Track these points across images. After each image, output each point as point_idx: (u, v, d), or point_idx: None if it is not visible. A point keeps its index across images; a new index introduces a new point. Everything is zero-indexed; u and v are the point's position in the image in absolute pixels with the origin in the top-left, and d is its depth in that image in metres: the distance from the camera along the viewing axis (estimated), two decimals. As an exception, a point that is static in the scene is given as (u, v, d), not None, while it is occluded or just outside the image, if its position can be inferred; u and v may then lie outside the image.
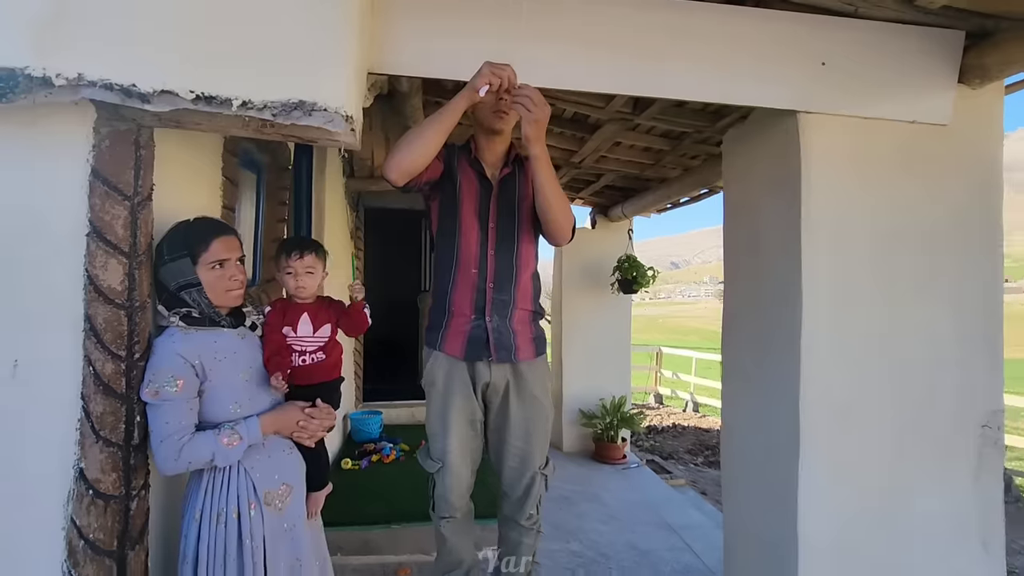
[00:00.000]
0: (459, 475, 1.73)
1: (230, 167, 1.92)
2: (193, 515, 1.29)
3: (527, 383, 1.75)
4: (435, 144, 1.53)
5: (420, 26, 1.58)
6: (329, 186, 3.68)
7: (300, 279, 1.52)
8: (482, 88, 1.45)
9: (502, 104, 1.59)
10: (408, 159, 1.52)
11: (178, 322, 1.30)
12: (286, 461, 1.40)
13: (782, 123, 1.76)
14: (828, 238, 1.71)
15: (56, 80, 1.17)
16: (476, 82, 1.45)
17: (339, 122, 1.28)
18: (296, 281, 1.52)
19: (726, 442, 2.15)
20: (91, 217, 1.28)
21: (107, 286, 1.28)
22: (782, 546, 1.73)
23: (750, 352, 1.97)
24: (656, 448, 7.16)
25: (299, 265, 1.51)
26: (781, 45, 1.67)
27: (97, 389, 1.27)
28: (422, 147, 1.52)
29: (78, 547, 1.26)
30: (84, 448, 1.27)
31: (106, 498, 1.27)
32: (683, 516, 3.62)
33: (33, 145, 1.26)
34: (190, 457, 1.23)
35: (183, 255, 1.30)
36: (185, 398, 1.25)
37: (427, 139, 1.51)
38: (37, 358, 1.27)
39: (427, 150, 1.52)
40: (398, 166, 1.52)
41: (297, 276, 1.51)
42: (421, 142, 1.51)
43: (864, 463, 1.72)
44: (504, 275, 1.72)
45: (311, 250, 1.53)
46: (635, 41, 1.65)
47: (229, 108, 1.23)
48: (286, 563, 1.36)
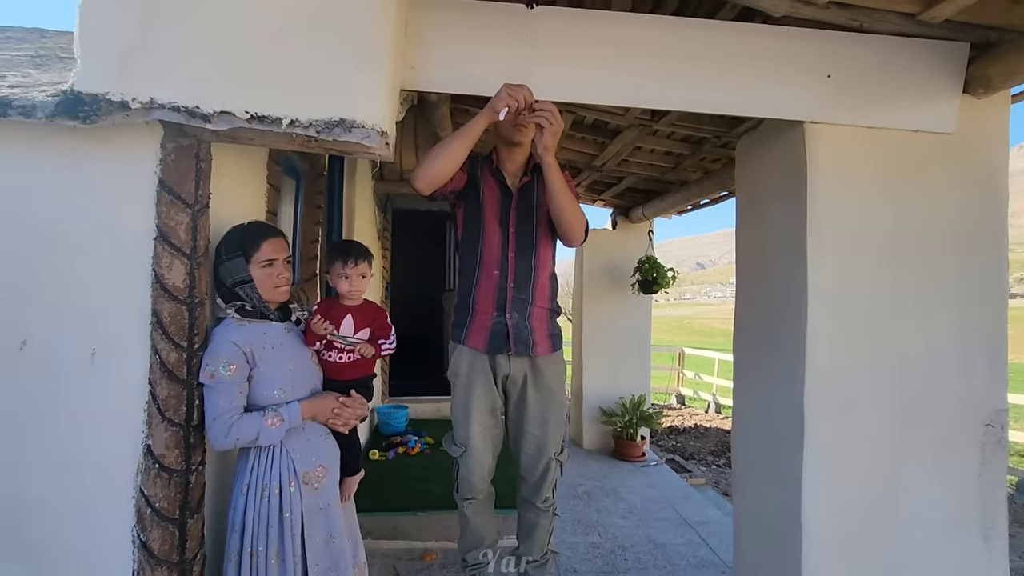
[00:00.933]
0: (481, 459, 1.87)
1: (274, 175, 2.09)
2: (241, 489, 1.45)
3: (544, 376, 1.88)
4: (458, 158, 1.68)
5: (447, 47, 1.71)
6: (359, 189, 3.85)
7: (353, 283, 1.65)
8: (502, 111, 1.58)
9: (521, 118, 1.72)
10: (434, 171, 1.67)
11: (233, 314, 1.47)
12: (323, 445, 1.55)
13: (789, 132, 1.84)
14: (833, 242, 1.78)
15: (132, 104, 1.34)
16: (496, 104, 1.59)
17: (375, 138, 1.43)
18: (350, 286, 1.65)
19: (737, 436, 2.23)
20: (158, 223, 1.45)
21: (171, 284, 1.45)
22: (787, 536, 1.81)
23: (759, 349, 2.05)
24: (678, 448, 7.17)
25: (354, 272, 1.65)
26: (788, 59, 1.75)
27: (162, 375, 1.44)
28: (446, 160, 1.67)
29: (146, 514, 1.43)
30: (151, 427, 1.44)
31: (170, 471, 1.44)
32: (701, 513, 3.68)
33: (110, 160, 1.44)
34: (238, 434, 1.39)
35: (238, 255, 1.46)
36: (237, 381, 1.41)
37: (451, 153, 1.67)
38: (111, 347, 1.44)
39: (451, 163, 1.67)
40: (424, 177, 1.68)
41: (351, 281, 1.65)
42: (445, 156, 1.67)
43: (867, 457, 1.79)
44: (523, 275, 1.85)
45: (364, 257, 1.67)
46: (646, 57, 1.75)
47: (279, 126, 1.39)
48: (320, 537, 1.51)
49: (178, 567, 1.45)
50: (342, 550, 1.51)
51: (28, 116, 1.33)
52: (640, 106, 1.95)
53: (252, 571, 1.38)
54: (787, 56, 1.75)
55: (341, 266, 1.64)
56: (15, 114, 1.33)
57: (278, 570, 1.39)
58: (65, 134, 1.39)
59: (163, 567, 1.43)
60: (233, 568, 1.40)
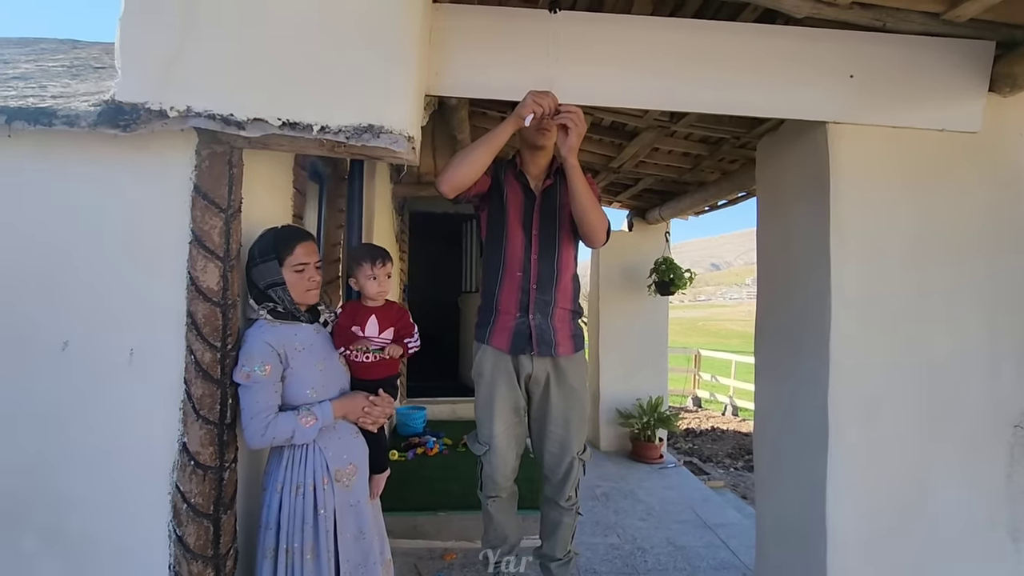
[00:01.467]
0: (504, 457, 1.89)
1: (300, 179, 2.14)
2: (275, 487, 1.49)
3: (566, 376, 1.89)
4: (482, 163, 1.72)
5: (470, 52, 1.75)
6: (378, 192, 3.90)
7: (381, 284, 1.69)
8: (528, 118, 1.62)
9: (545, 123, 1.74)
10: (459, 176, 1.71)
11: (265, 315, 1.50)
12: (353, 444, 1.58)
13: (812, 133, 1.84)
14: (857, 242, 1.78)
15: (170, 112, 1.39)
16: (522, 111, 1.63)
17: (402, 143, 1.46)
18: (378, 286, 1.69)
19: (759, 437, 2.23)
20: (193, 227, 1.49)
21: (206, 286, 1.49)
22: (812, 537, 1.80)
23: (781, 350, 2.05)
24: (695, 451, 7.12)
25: (381, 272, 1.69)
26: (811, 60, 1.75)
27: (197, 375, 1.48)
28: (471, 166, 1.71)
29: (182, 509, 1.48)
30: (186, 425, 1.48)
31: (204, 468, 1.48)
32: (720, 515, 3.66)
33: (147, 166, 1.49)
34: (274, 433, 1.43)
35: (272, 258, 1.50)
36: (272, 381, 1.45)
37: (476, 159, 1.71)
38: (148, 347, 1.49)
39: (476, 168, 1.72)
40: (449, 181, 1.72)
41: (379, 282, 1.69)
42: (470, 162, 1.71)
43: (893, 458, 1.78)
44: (546, 277, 1.87)
45: (389, 258, 1.71)
46: (667, 60, 1.76)
47: (310, 132, 1.43)
48: (351, 533, 1.54)
49: (212, 562, 1.49)
50: (371, 546, 1.54)
51: (72, 125, 1.38)
52: (662, 108, 1.97)
53: (288, 567, 1.41)
54: (809, 57, 1.75)
55: (370, 267, 1.68)
56: (60, 124, 1.38)
57: (313, 565, 1.42)
58: (105, 142, 1.44)
59: (198, 561, 1.47)
60: (269, 564, 1.44)
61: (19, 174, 1.46)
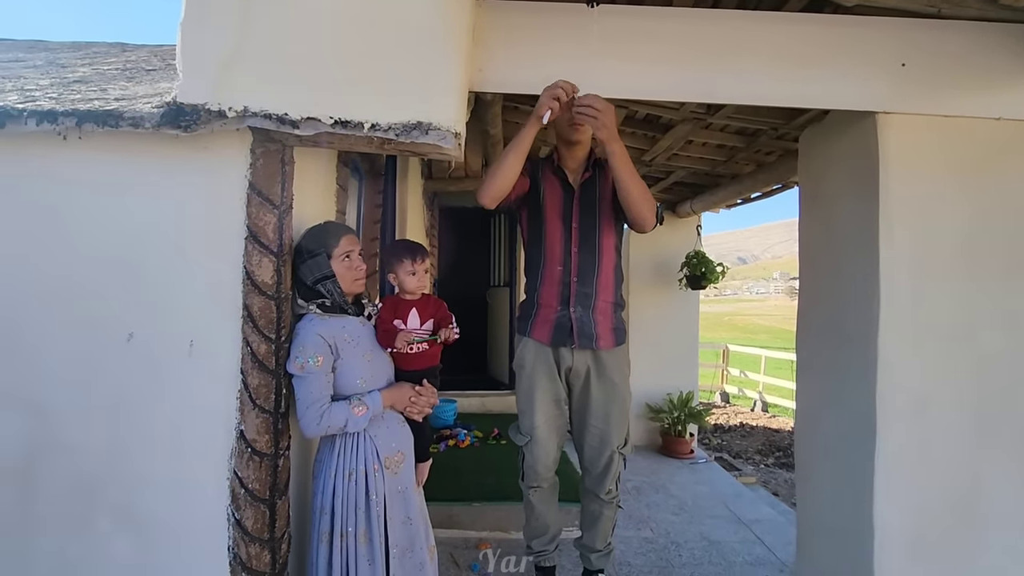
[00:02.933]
0: (546, 448, 1.91)
1: (342, 176, 2.19)
2: (329, 474, 1.54)
3: (607, 369, 1.91)
4: (515, 169, 1.75)
5: (511, 48, 1.76)
6: (410, 188, 3.96)
7: (420, 279, 1.75)
8: (545, 116, 1.64)
9: (576, 117, 1.74)
10: (495, 187, 1.76)
11: (315, 310, 1.55)
12: (400, 432, 1.63)
13: (860, 123, 1.81)
14: (907, 234, 1.74)
15: (228, 112, 1.44)
16: (539, 111, 1.64)
17: (450, 139, 1.49)
18: (418, 281, 1.74)
19: (801, 433, 2.20)
20: (248, 223, 1.54)
21: (261, 280, 1.54)
22: (858, 535, 1.78)
23: (825, 343, 2.02)
24: (724, 447, 7.04)
25: (420, 268, 1.74)
26: (859, 48, 1.71)
27: (253, 365, 1.54)
28: (504, 174, 1.75)
29: (240, 494, 1.54)
30: (243, 414, 1.54)
31: (261, 455, 1.54)
32: (754, 511, 3.63)
33: (205, 165, 1.55)
34: (329, 422, 1.48)
35: (320, 252, 1.55)
36: (324, 372, 1.50)
37: (508, 167, 1.74)
38: (206, 339, 1.55)
39: (510, 176, 1.75)
40: (488, 193, 1.77)
41: (418, 276, 1.74)
42: (503, 171, 1.75)
43: (942, 454, 1.74)
44: (587, 270, 1.88)
45: (426, 253, 1.77)
46: (710, 53, 1.75)
47: (361, 130, 1.46)
48: (399, 519, 1.59)
49: (268, 544, 1.55)
50: (418, 531, 1.58)
51: (137, 127, 1.45)
52: (703, 101, 1.94)
53: (343, 550, 1.47)
54: (858, 46, 1.71)
55: (410, 264, 1.72)
56: (126, 125, 1.45)
57: (366, 549, 1.47)
58: (166, 142, 1.51)
59: (256, 544, 1.54)
60: (324, 548, 1.49)
61: (88, 174, 1.53)
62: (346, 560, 1.47)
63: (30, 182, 1.52)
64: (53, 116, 1.45)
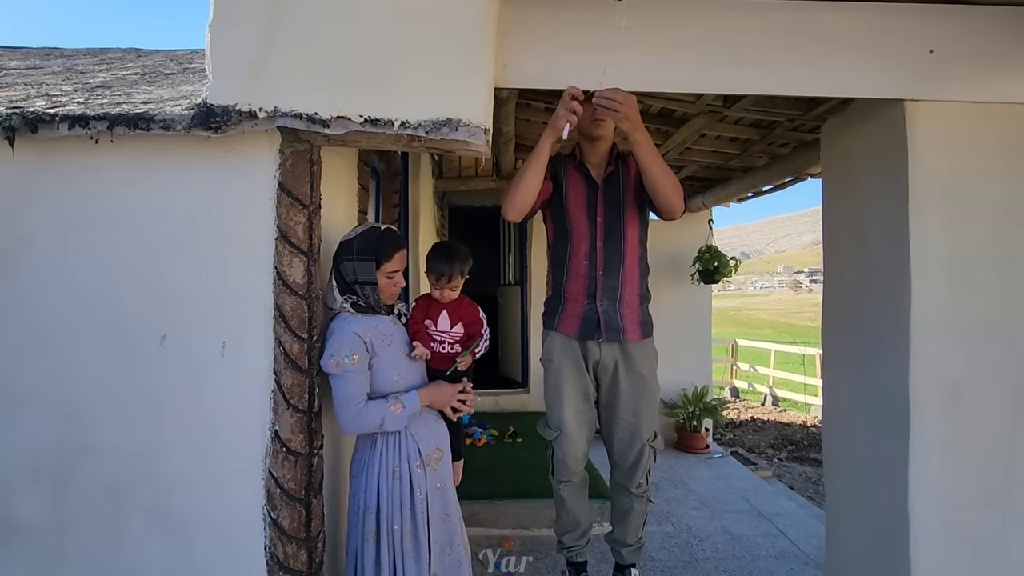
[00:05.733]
0: (575, 442, 1.91)
1: (363, 176, 2.19)
2: (372, 473, 1.54)
3: (635, 362, 1.90)
4: (537, 181, 1.78)
5: (536, 44, 1.75)
6: (422, 188, 3.96)
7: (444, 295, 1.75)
8: (564, 129, 1.64)
9: (598, 113, 1.74)
10: (518, 201, 1.78)
11: (348, 308, 1.55)
12: (438, 429, 1.63)
13: (886, 111, 1.79)
14: (938, 222, 1.72)
15: (259, 113, 1.44)
16: (557, 123, 1.65)
17: (479, 135, 1.48)
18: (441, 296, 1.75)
19: (828, 425, 2.19)
20: (278, 223, 1.54)
21: (292, 280, 1.54)
22: (892, 526, 1.77)
23: (854, 335, 2.00)
24: (736, 442, 7.03)
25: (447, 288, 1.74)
26: (886, 36, 1.70)
27: (286, 365, 1.54)
28: (525, 188, 1.78)
29: (275, 494, 1.54)
30: (277, 414, 1.54)
31: (296, 455, 1.54)
32: (774, 505, 3.62)
33: (235, 167, 1.55)
34: (367, 419, 1.48)
35: (370, 258, 1.55)
36: (360, 370, 1.50)
37: (529, 180, 1.77)
38: (239, 340, 1.55)
39: (531, 189, 1.78)
40: (513, 208, 1.79)
41: (444, 295, 1.75)
42: (524, 185, 1.77)
43: (979, 442, 1.72)
44: (612, 263, 1.88)
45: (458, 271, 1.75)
46: (739, 43, 1.73)
47: (391, 128, 1.46)
48: (439, 516, 1.59)
49: (305, 544, 1.55)
50: (456, 528, 1.59)
51: (168, 129, 1.45)
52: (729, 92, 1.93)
53: (390, 548, 1.47)
54: (886, 33, 1.70)
55: (435, 279, 1.73)
56: (157, 128, 1.45)
57: (412, 546, 1.48)
58: (196, 144, 1.51)
59: (292, 543, 1.54)
60: (371, 548, 1.49)
61: (118, 177, 1.53)
62: (393, 558, 1.47)
63: (62, 187, 1.53)
64: (85, 120, 1.45)
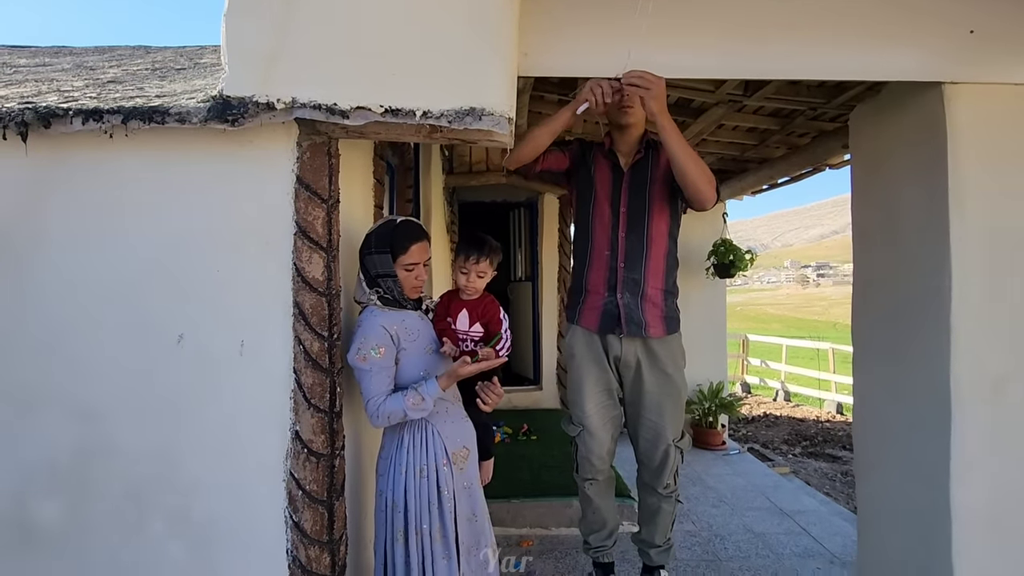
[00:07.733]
0: (599, 438, 1.86)
1: (379, 170, 2.15)
2: (399, 471, 1.50)
3: (659, 359, 1.85)
4: (542, 141, 1.79)
5: (558, 32, 1.70)
6: (433, 183, 3.92)
7: (470, 281, 1.69)
8: (581, 107, 1.66)
9: (625, 100, 1.70)
10: (521, 152, 1.80)
11: (376, 301, 1.52)
12: (465, 427, 1.59)
13: (923, 95, 1.72)
14: (980, 209, 1.66)
15: (277, 104, 1.39)
16: (580, 97, 1.67)
17: (504, 124, 1.43)
18: (467, 281, 1.69)
19: (860, 421, 2.13)
20: (297, 218, 1.50)
21: (311, 277, 1.50)
22: (932, 522, 1.71)
23: (888, 328, 1.94)
24: (751, 438, 6.97)
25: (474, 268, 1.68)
26: (923, 16, 1.63)
27: (307, 364, 1.50)
28: (532, 143, 1.79)
29: (297, 496, 1.50)
30: (297, 414, 1.50)
31: (317, 456, 1.50)
32: (795, 502, 3.56)
33: (251, 160, 1.50)
34: (388, 412, 1.45)
35: (387, 251, 1.51)
36: (386, 363, 1.47)
37: (536, 138, 1.79)
38: (257, 339, 1.51)
39: (533, 146, 1.80)
40: (512, 157, 1.81)
41: (470, 279, 1.68)
42: (532, 139, 1.79)
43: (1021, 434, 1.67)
44: (634, 255, 1.83)
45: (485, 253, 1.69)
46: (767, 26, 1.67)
47: (412, 118, 1.41)
48: (466, 515, 1.55)
49: (328, 547, 1.52)
50: (483, 528, 1.55)
51: (184, 122, 1.41)
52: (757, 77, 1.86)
53: (419, 547, 1.43)
54: (922, 13, 1.63)
55: (463, 260, 1.67)
56: (172, 121, 1.41)
57: (441, 545, 1.44)
58: (212, 138, 1.46)
59: (315, 546, 1.50)
60: (401, 547, 1.46)
61: (133, 172, 1.49)
62: (423, 558, 1.43)
63: (76, 182, 1.49)
64: (99, 114, 1.41)
